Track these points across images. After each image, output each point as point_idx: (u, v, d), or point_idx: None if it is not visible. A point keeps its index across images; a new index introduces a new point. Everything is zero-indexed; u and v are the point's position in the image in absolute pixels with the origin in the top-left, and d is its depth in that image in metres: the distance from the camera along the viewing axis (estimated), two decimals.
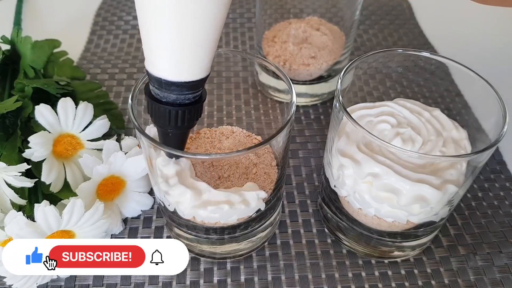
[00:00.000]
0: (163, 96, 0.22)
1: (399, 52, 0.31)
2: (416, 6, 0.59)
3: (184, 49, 0.21)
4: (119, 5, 0.59)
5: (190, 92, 0.22)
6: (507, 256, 0.32)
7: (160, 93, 0.22)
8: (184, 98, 0.22)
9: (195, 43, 0.21)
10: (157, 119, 0.23)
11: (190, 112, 0.23)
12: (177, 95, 0.22)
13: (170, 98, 0.22)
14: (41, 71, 0.41)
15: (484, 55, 0.50)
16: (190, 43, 0.20)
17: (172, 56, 0.21)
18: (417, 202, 0.26)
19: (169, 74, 0.21)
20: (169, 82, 0.22)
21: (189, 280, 0.31)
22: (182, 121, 0.23)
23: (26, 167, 0.30)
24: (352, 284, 0.31)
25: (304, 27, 0.43)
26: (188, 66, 0.21)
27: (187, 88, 0.22)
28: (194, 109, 0.23)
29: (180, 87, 0.22)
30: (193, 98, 0.23)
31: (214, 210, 0.27)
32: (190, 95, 0.22)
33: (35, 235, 0.27)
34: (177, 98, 0.22)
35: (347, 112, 0.26)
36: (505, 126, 0.25)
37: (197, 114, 0.24)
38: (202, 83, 0.22)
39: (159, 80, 0.22)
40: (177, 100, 0.22)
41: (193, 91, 0.22)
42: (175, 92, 0.22)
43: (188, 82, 0.22)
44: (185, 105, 0.23)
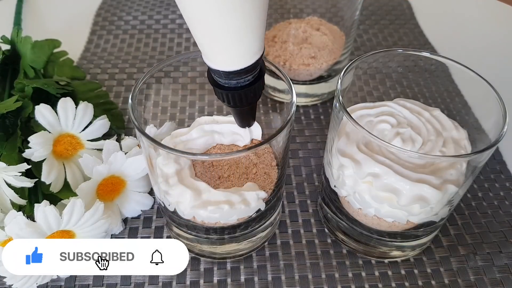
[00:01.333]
0: (225, 82, 0.24)
1: (399, 52, 0.31)
2: (416, 6, 0.59)
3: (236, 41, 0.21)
4: (119, 5, 0.59)
5: (248, 75, 0.23)
6: (507, 256, 0.32)
7: (221, 80, 0.24)
8: (244, 81, 0.24)
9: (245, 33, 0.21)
10: (226, 101, 0.25)
11: (252, 91, 0.25)
12: (237, 80, 0.23)
13: (232, 83, 0.24)
14: (41, 71, 0.41)
15: (484, 55, 0.50)
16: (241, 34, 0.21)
17: (225, 51, 0.22)
18: (417, 202, 0.26)
19: (225, 66, 0.23)
20: (227, 72, 0.23)
21: (189, 280, 0.31)
22: (247, 99, 0.25)
23: (26, 167, 0.30)
24: (352, 284, 0.31)
25: (304, 27, 0.43)
26: (241, 56, 0.22)
27: (244, 72, 0.23)
28: (255, 87, 0.25)
29: (238, 74, 0.23)
30: (252, 78, 0.24)
31: (214, 210, 0.27)
32: (249, 76, 0.24)
33: (35, 235, 0.27)
34: (237, 82, 0.24)
35: (347, 112, 0.26)
36: (505, 126, 0.25)
37: (259, 91, 0.25)
38: (257, 63, 0.23)
39: (218, 71, 0.23)
40: (238, 84, 0.24)
41: (251, 73, 0.23)
42: (235, 78, 0.23)
43: (243, 69, 0.23)
44: (247, 86, 0.24)
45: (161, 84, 0.31)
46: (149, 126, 0.31)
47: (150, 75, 0.28)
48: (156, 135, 0.31)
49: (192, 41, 0.54)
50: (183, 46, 0.53)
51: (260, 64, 0.24)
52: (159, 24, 0.56)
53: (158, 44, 0.53)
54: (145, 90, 0.29)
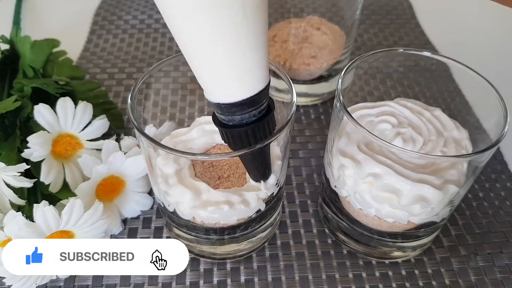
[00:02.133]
0: (229, 119, 0.22)
1: (400, 52, 0.31)
2: (417, 6, 0.59)
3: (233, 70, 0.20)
4: (119, 5, 0.59)
5: (253, 108, 0.21)
6: (508, 256, 0.32)
7: (224, 117, 0.22)
8: (249, 116, 0.22)
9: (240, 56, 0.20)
10: (232, 143, 0.23)
11: (259, 129, 0.22)
12: (241, 115, 0.21)
13: (236, 120, 0.22)
14: (40, 71, 0.41)
15: (485, 55, 0.49)
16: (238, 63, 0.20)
17: (221, 78, 0.20)
18: (418, 202, 0.26)
19: (225, 97, 0.21)
20: (228, 105, 0.21)
21: (188, 281, 0.31)
22: (254, 139, 0.23)
23: (25, 167, 0.30)
24: (352, 284, 0.31)
25: (305, 26, 0.43)
26: (240, 83, 0.21)
27: (248, 105, 0.21)
28: (261, 124, 0.22)
29: (241, 106, 0.21)
30: (258, 114, 0.22)
31: (213, 211, 0.27)
32: (254, 111, 0.21)
33: (34, 235, 0.27)
34: (242, 118, 0.22)
35: (347, 112, 0.26)
36: (506, 126, 0.25)
37: (269, 128, 0.23)
38: (262, 96, 0.21)
39: (219, 105, 0.21)
40: (242, 120, 0.22)
41: (256, 106, 0.21)
42: (238, 113, 0.21)
43: (246, 99, 0.21)
44: (253, 122, 0.22)
45: (161, 83, 0.31)
46: (148, 126, 0.31)
47: (150, 75, 0.28)
48: (156, 135, 0.31)
49: None
50: None
51: (267, 98, 0.22)
52: (158, 23, 0.56)
53: (157, 43, 0.53)
54: (145, 90, 0.28)
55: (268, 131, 0.23)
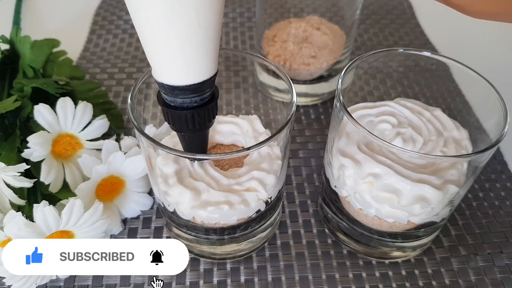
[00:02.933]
0: (171, 100, 0.22)
1: (400, 52, 0.31)
2: (416, 6, 0.59)
3: (178, 53, 0.20)
4: (119, 4, 0.59)
5: (195, 95, 0.22)
6: (508, 256, 0.32)
7: (167, 97, 0.22)
8: (191, 101, 0.22)
9: (189, 47, 0.20)
10: (171, 123, 0.24)
11: (199, 115, 0.23)
12: (183, 99, 0.22)
13: (177, 102, 0.22)
14: (40, 71, 0.41)
15: (485, 55, 0.49)
16: (184, 47, 0.20)
17: (168, 61, 0.21)
18: (418, 202, 0.26)
19: (169, 79, 0.21)
20: (171, 87, 0.21)
21: (188, 281, 0.31)
22: (193, 124, 0.23)
23: (25, 167, 0.30)
24: (352, 284, 0.31)
25: (305, 26, 0.43)
26: (185, 69, 0.21)
27: (190, 91, 0.22)
28: (203, 111, 0.23)
29: (183, 91, 0.22)
30: (200, 101, 0.22)
31: (213, 211, 0.27)
32: (196, 97, 0.22)
33: (34, 235, 0.27)
34: (183, 101, 0.22)
35: (347, 112, 0.26)
36: (506, 126, 0.25)
37: (209, 116, 0.24)
38: (206, 85, 0.22)
39: (162, 85, 0.22)
40: (184, 104, 0.22)
41: (198, 93, 0.22)
42: (180, 96, 0.22)
43: (189, 86, 0.21)
44: (193, 108, 0.23)
45: None
46: (148, 126, 0.31)
47: (150, 75, 0.28)
48: (156, 135, 0.31)
49: None
50: None
51: (211, 88, 0.23)
52: None
53: None
54: (145, 90, 0.28)
55: (207, 118, 0.24)
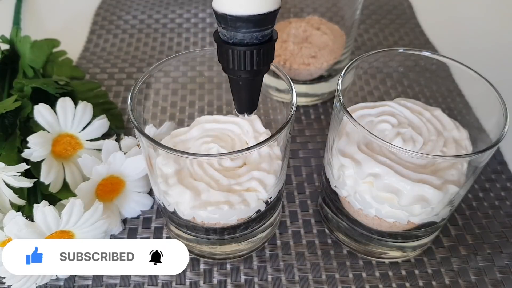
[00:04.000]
0: (230, 36, 0.21)
1: (400, 52, 0.31)
2: (416, 6, 0.59)
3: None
4: (119, 5, 0.59)
5: (257, 29, 0.21)
6: (508, 256, 0.32)
7: (226, 32, 0.21)
8: (252, 37, 0.21)
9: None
10: (226, 63, 0.23)
11: (258, 54, 0.22)
12: (244, 33, 0.21)
13: (237, 37, 0.21)
14: (40, 71, 0.41)
15: (485, 55, 0.49)
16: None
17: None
18: (418, 202, 0.26)
19: (233, 7, 0.20)
20: (234, 18, 0.21)
21: (188, 281, 0.31)
22: (251, 63, 0.22)
23: (25, 167, 0.30)
24: (352, 284, 0.31)
25: (305, 26, 0.43)
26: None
27: (253, 23, 0.21)
28: (262, 49, 0.22)
29: (246, 22, 0.21)
30: (261, 38, 0.22)
31: (213, 211, 0.27)
32: (257, 33, 0.21)
33: (34, 235, 0.27)
34: (244, 36, 0.21)
35: (347, 112, 0.26)
36: (506, 126, 0.25)
37: (268, 57, 0.23)
38: (270, 18, 0.21)
39: (224, 16, 0.21)
40: (244, 40, 0.21)
41: (261, 27, 0.21)
42: (242, 30, 0.21)
43: (254, 16, 0.20)
44: (254, 44, 0.22)
45: (161, 83, 0.31)
46: (148, 126, 0.31)
47: (150, 75, 0.28)
48: (156, 135, 0.31)
49: (192, 41, 0.53)
50: (183, 45, 0.53)
51: (272, 24, 0.22)
52: (158, 23, 0.56)
53: (157, 43, 0.53)
54: (145, 90, 0.28)
55: (265, 59, 0.23)
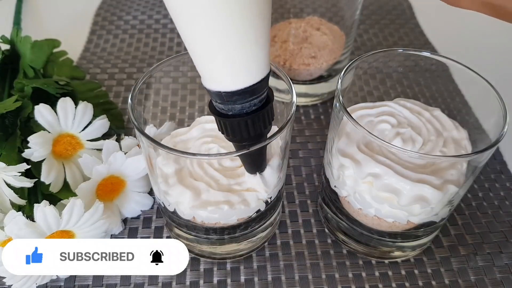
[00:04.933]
0: (228, 109, 0.21)
1: (400, 52, 0.31)
2: (416, 6, 0.59)
3: (235, 54, 0.19)
4: (119, 5, 0.59)
5: (253, 97, 0.21)
6: (507, 256, 0.32)
7: (224, 107, 0.21)
8: (250, 105, 0.21)
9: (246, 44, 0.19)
10: (230, 133, 0.23)
11: (259, 118, 0.22)
12: (242, 104, 0.21)
13: (236, 109, 0.21)
14: (41, 71, 0.41)
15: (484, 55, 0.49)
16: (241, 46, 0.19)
17: (225, 66, 0.20)
18: (417, 202, 0.26)
19: (226, 85, 0.20)
20: (229, 93, 0.20)
21: (188, 281, 0.31)
22: (254, 129, 0.22)
23: (26, 167, 0.30)
24: (352, 284, 0.31)
25: (304, 26, 0.43)
26: (244, 70, 0.20)
27: (249, 94, 0.21)
28: (261, 113, 0.22)
29: (242, 95, 0.21)
30: (259, 103, 0.22)
31: (213, 210, 0.27)
32: (254, 100, 0.21)
33: (34, 235, 0.27)
34: (242, 107, 0.21)
35: (347, 112, 0.26)
36: (506, 126, 0.25)
37: (268, 118, 0.23)
38: (263, 84, 0.21)
39: (219, 93, 0.21)
40: (243, 110, 0.21)
41: (256, 95, 0.21)
42: (239, 102, 0.21)
43: (248, 87, 0.20)
44: (253, 112, 0.22)
45: (161, 84, 0.31)
46: (148, 126, 0.31)
47: (150, 75, 0.28)
48: (156, 135, 0.31)
49: None
50: (182, 46, 0.53)
51: (267, 86, 0.22)
52: (159, 24, 0.56)
53: (158, 44, 0.53)
54: (145, 90, 0.28)
55: (267, 121, 0.23)
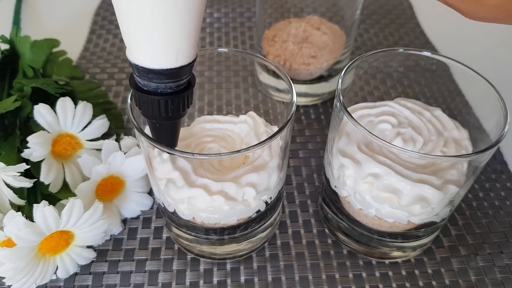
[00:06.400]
0: (144, 84, 0.21)
1: (400, 52, 0.31)
2: (417, 5, 0.59)
3: (156, 34, 0.19)
4: None
5: (170, 80, 0.21)
6: (508, 256, 0.32)
7: (141, 81, 0.21)
8: (165, 87, 0.21)
9: (169, 27, 0.19)
10: (142, 108, 0.22)
11: (173, 102, 0.22)
12: (157, 84, 0.21)
13: (151, 86, 0.21)
14: (40, 71, 0.40)
15: (485, 55, 0.49)
16: (163, 28, 0.19)
17: (145, 42, 0.20)
18: (418, 202, 0.26)
19: (144, 61, 0.20)
20: (146, 69, 0.20)
21: (188, 281, 0.31)
22: (165, 111, 0.22)
23: (25, 167, 0.30)
24: (352, 285, 0.31)
25: (305, 26, 0.43)
26: (163, 52, 0.20)
27: (166, 76, 0.21)
28: (177, 98, 0.22)
29: (158, 75, 0.20)
30: (176, 88, 0.21)
31: (213, 211, 0.27)
32: (171, 83, 0.21)
33: (34, 235, 0.27)
34: (157, 86, 0.21)
35: (347, 112, 0.26)
36: (506, 126, 0.25)
37: (183, 104, 0.22)
38: (183, 71, 0.21)
39: (137, 67, 0.21)
40: (158, 89, 0.21)
41: (174, 79, 0.21)
42: (154, 80, 0.21)
43: (165, 70, 0.20)
44: (168, 94, 0.21)
45: None
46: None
47: None
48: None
49: None
50: None
51: (188, 75, 0.22)
52: None
53: None
54: None
55: (181, 106, 0.22)
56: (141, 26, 0.19)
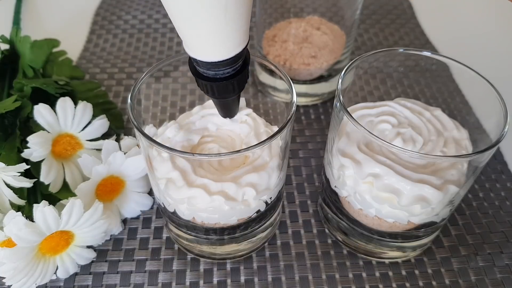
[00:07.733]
0: (204, 71, 0.23)
1: (400, 52, 0.31)
2: (417, 6, 0.59)
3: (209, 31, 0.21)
4: (119, 4, 0.59)
5: (227, 67, 0.23)
6: (508, 256, 0.32)
7: (200, 68, 0.23)
8: (224, 73, 0.23)
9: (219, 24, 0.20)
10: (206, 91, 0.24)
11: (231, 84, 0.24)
12: (215, 71, 0.23)
13: (210, 73, 0.23)
14: (40, 71, 0.41)
15: (485, 55, 0.49)
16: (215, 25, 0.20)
17: (201, 42, 0.21)
18: (418, 202, 0.26)
19: (201, 56, 0.22)
20: (204, 62, 0.22)
21: (188, 281, 0.31)
22: (225, 91, 0.24)
23: (25, 167, 0.30)
24: (352, 285, 0.31)
25: (305, 26, 0.43)
26: (217, 47, 0.21)
27: (223, 65, 0.22)
28: (235, 81, 0.24)
29: (216, 66, 0.22)
30: (232, 71, 0.23)
31: (213, 211, 0.27)
32: (228, 69, 0.23)
33: (34, 235, 0.27)
34: (215, 73, 0.23)
35: (347, 112, 0.26)
36: (506, 126, 0.25)
37: (241, 84, 0.24)
38: (236, 58, 0.22)
39: (195, 60, 0.22)
40: (216, 75, 0.23)
41: (230, 66, 0.23)
42: (213, 70, 0.23)
43: (222, 61, 0.22)
44: (225, 78, 0.23)
45: (161, 83, 0.31)
46: (148, 126, 0.31)
47: (150, 75, 0.28)
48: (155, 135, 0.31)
49: None
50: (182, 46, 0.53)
51: (242, 57, 0.23)
52: (158, 23, 0.56)
53: (157, 43, 0.53)
54: (145, 90, 0.28)
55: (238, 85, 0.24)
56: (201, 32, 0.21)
